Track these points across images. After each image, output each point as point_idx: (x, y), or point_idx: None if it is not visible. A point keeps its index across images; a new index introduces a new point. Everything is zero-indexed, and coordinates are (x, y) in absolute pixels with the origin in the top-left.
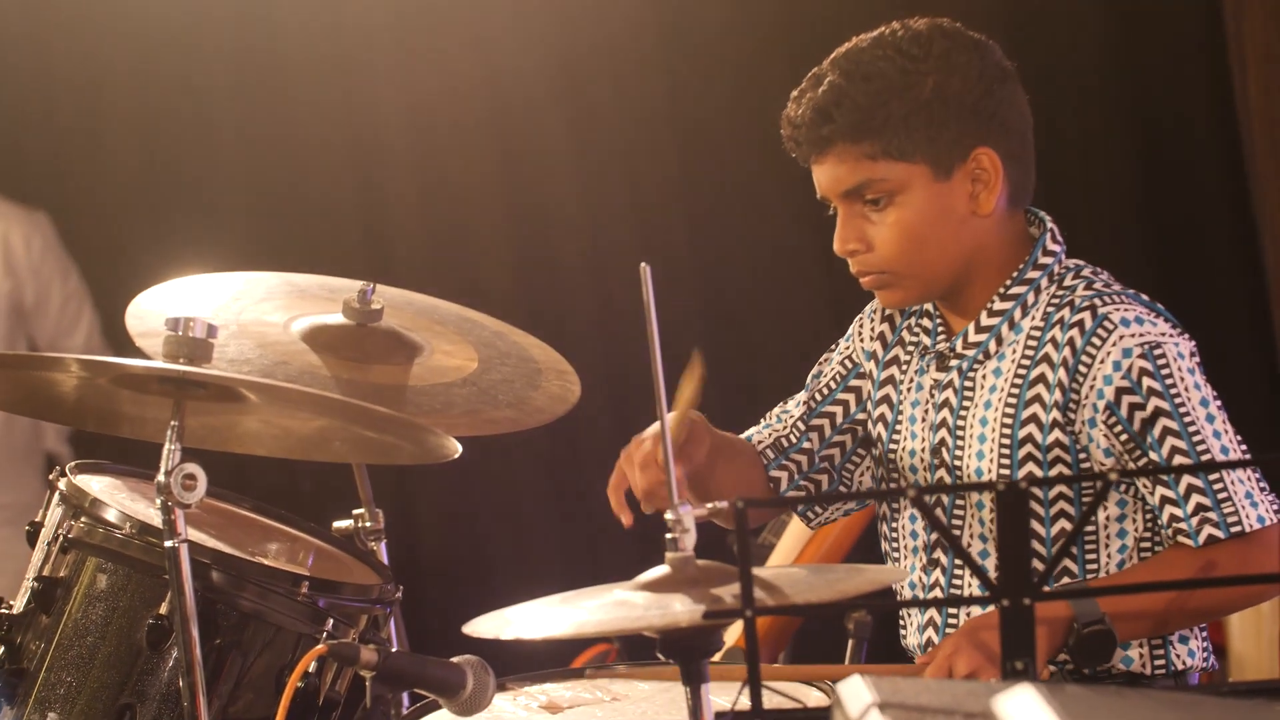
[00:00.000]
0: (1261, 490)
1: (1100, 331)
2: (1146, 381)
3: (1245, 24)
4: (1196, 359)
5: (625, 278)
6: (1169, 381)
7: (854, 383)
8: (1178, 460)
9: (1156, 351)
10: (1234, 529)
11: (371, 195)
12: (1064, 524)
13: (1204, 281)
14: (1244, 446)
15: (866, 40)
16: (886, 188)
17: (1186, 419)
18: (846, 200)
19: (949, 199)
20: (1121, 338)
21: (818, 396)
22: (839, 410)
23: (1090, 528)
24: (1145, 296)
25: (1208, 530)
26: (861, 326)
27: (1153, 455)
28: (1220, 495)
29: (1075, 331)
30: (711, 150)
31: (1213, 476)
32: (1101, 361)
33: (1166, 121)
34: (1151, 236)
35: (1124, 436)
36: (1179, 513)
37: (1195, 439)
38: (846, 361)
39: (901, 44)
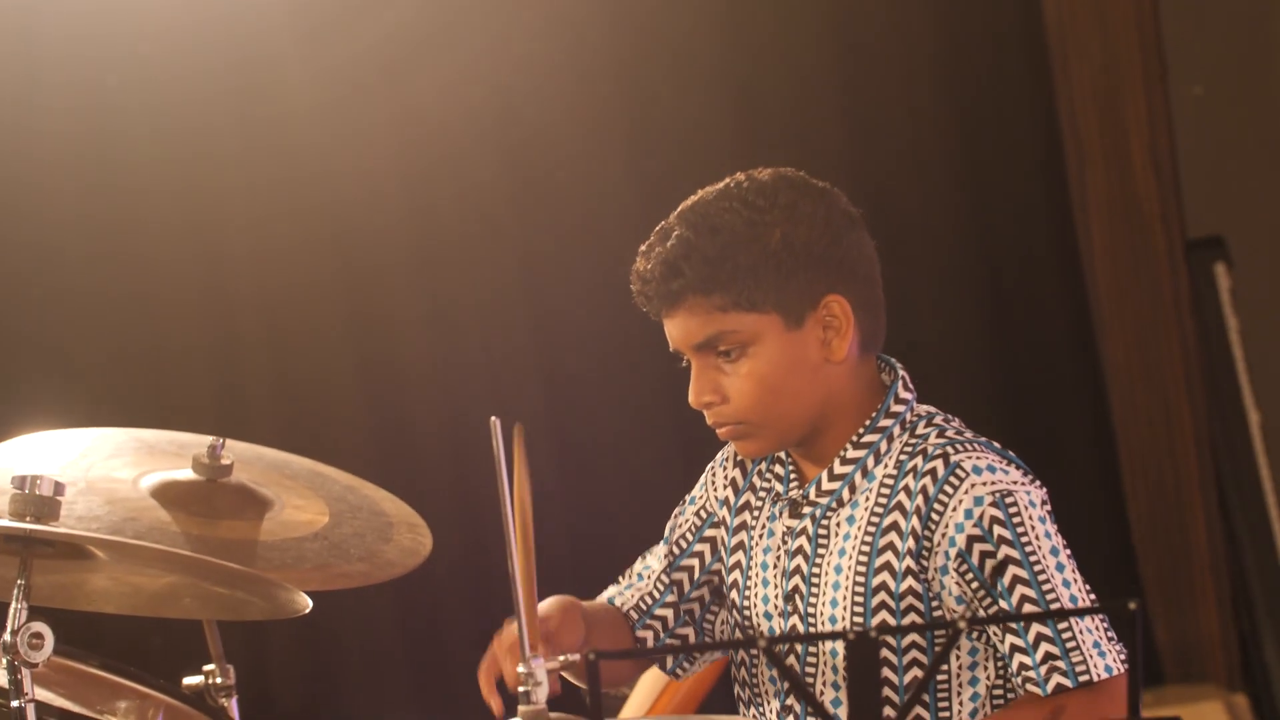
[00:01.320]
0: (1110, 640)
1: (953, 479)
2: (997, 530)
3: (1088, 174)
4: (1048, 507)
5: (476, 431)
6: (1020, 530)
7: (709, 533)
8: (1027, 609)
9: (1008, 500)
10: (1082, 678)
11: (221, 351)
12: (916, 672)
13: (1052, 428)
14: (1093, 596)
15: (712, 193)
16: (738, 339)
17: (1036, 568)
18: (699, 353)
19: (801, 348)
20: (973, 486)
21: (675, 550)
22: (696, 562)
23: (942, 676)
24: (997, 445)
25: (1056, 679)
26: (714, 475)
27: (1002, 604)
28: (1069, 644)
29: (928, 479)
30: (563, 304)
31: (1061, 626)
32: (954, 509)
33: (1013, 269)
34: (999, 384)
35: (975, 584)
36: (1028, 661)
37: (1045, 588)
38: (701, 512)
39: (747, 195)
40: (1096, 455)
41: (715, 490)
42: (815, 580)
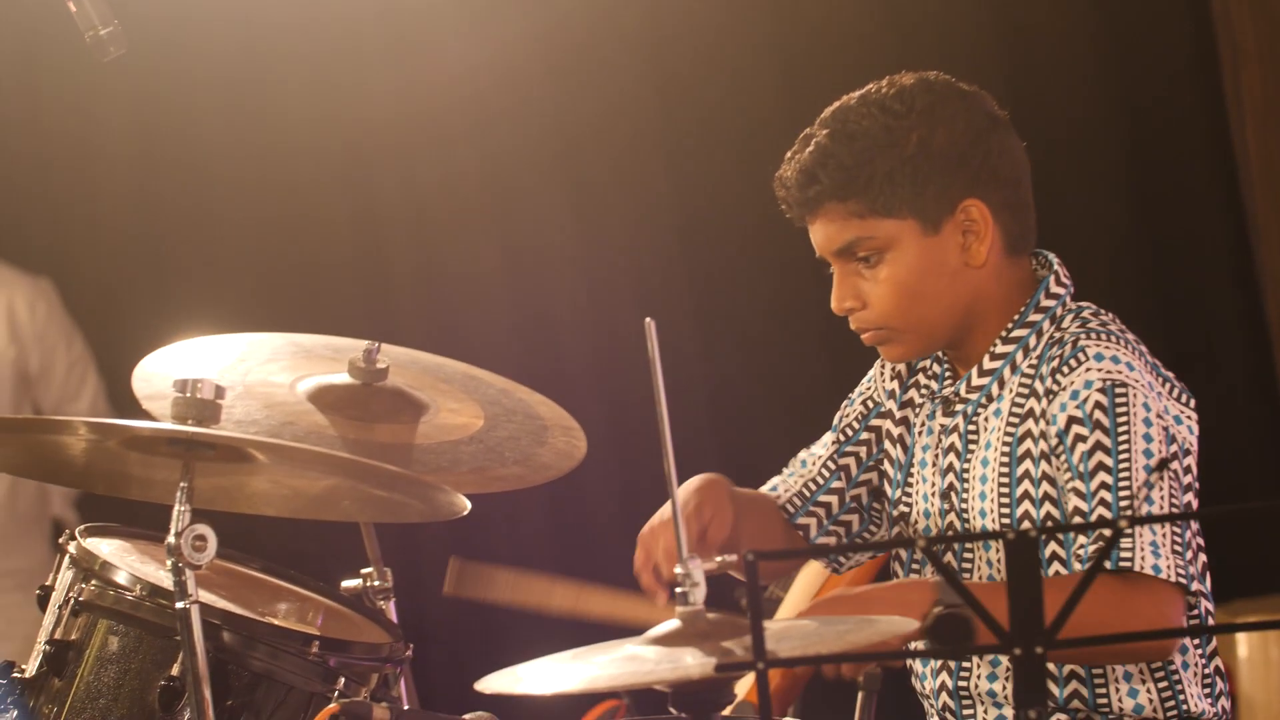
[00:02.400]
0: (1175, 553)
1: (1072, 362)
2: (1097, 415)
3: (1243, 74)
4: (1166, 421)
5: (627, 334)
6: (1120, 420)
7: (875, 421)
8: (1101, 494)
9: (1118, 390)
10: (1123, 564)
11: (373, 256)
12: (1057, 566)
13: (1208, 334)
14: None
15: (853, 99)
16: (876, 244)
17: (1122, 460)
18: (840, 258)
19: (940, 253)
20: (1088, 370)
21: (842, 437)
22: (863, 449)
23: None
24: (1145, 349)
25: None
26: (883, 367)
27: (1079, 485)
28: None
29: (1055, 363)
30: (710, 210)
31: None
32: (1064, 390)
33: (1167, 174)
34: (1153, 292)
35: (1063, 463)
36: (1082, 538)
37: (1122, 482)
38: (868, 401)
39: (886, 100)
40: (1253, 362)
41: (883, 381)
42: (966, 477)
